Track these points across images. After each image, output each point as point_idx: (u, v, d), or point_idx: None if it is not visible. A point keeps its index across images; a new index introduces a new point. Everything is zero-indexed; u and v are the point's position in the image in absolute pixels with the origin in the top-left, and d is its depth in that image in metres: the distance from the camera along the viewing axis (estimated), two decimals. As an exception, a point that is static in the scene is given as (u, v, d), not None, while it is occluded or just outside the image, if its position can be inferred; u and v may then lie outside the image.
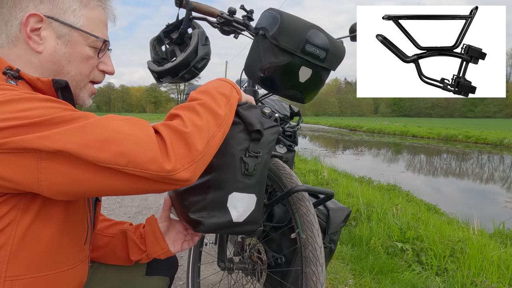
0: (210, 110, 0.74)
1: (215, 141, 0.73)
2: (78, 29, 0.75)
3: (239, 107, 0.89)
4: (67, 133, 0.58)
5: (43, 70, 0.74)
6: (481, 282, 2.19)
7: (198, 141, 0.67)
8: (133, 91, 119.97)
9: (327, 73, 1.23)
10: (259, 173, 0.91)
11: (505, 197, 7.18)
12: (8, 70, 0.68)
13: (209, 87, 0.81)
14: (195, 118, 0.70)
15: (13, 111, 0.58)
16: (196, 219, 0.85)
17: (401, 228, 2.99)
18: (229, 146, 0.86)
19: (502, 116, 78.47)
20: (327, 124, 43.76)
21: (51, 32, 0.73)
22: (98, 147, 0.58)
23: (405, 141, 21.11)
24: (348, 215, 1.30)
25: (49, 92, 0.70)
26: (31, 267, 0.67)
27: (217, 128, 0.74)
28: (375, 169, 9.19)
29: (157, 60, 1.32)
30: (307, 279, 0.95)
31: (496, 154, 15.33)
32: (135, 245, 0.97)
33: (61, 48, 0.74)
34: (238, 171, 0.87)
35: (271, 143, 0.95)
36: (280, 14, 1.09)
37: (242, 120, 0.88)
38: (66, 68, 0.76)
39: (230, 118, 0.81)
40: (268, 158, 0.95)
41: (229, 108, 0.81)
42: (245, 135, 0.89)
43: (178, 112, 0.72)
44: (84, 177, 0.60)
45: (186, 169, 0.64)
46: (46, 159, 0.58)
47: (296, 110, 1.82)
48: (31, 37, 0.72)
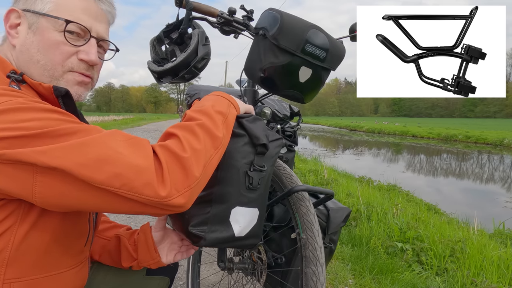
0: (208, 132, 0.73)
1: (212, 164, 0.72)
2: (44, 14, 0.72)
3: (243, 120, 0.87)
4: (64, 149, 0.57)
5: (19, 63, 0.73)
6: (481, 282, 2.19)
7: (195, 167, 0.66)
8: (133, 91, 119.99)
9: (327, 73, 1.23)
10: (263, 187, 0.89)
11: (505, 197, 7.18)
12: (12, 73, 0.68)
13: (205, 105, 0.79)
14: (193, 141, 0.69)
15: (13, 121, 0.57)
16: (197, 233, 0.82)
17: (401, 228, 2.99)
18: (234, 159, 0.84)
19: (502, 116, 78.46)
20: (327, 124, 43.76)
21: (25, 24, 0.73)
22: (94, 166, 0.57)
23: (405, 141, 21.12)
24: (348, 215, 1.30)
25: (51, 98, 0.70)
26: (30, 269, 0.66)
27: (214, 151, 0.73)
28: (375, 169, 9.19)
29: (157, 60, 1.32)
30: (307, 279, 0.95)
31: (496, 154, 15.33)
32: (127, 252, 0.96)
33: (30, 37, 0.73)
34: (242, 185, 0.85)
35: (275, 156, 0.93)
36: (280, 14, 1.09)
37: (247, 133, 0.86)
38: (35, 57, 0.73)
39: (227, 138, 0.80)
40: (272, 171, 0.93)
41: (226, 127, 0.79)
42: (250, 148, 0.87)
43: (176, 132, 0.70)
44: (78, 195, 0.59)
45: (181, 194, 0.63)
46: (41, 174, 0.57)
47: (296, 110, 1.82)
48: (9, 32, 0.73)
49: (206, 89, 1.82)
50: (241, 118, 0.87)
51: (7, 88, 0.64)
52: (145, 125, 20.21)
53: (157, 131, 14.95)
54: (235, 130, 0.85)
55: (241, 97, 1.44)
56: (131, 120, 24.33)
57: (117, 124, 18.08)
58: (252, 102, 1.40)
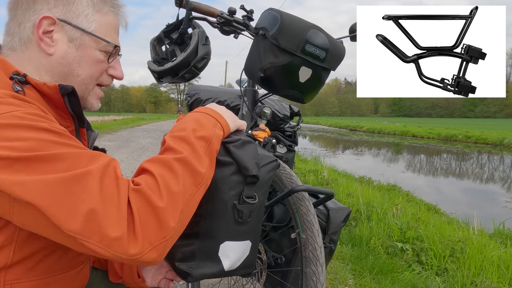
0: (189, 168, 0.66)
1: (192, 203, 0.66)
2: (90, 33, 0.75)
3: (230, 145, 0.78)
4: (42, 184, 0.54)
5: (53, 73, 0.74)
6: (481, 282, 2.19)
7: (172, 216, 0.60)
8: (133, 91, 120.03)
9: (327, 73, 1.23)
10: (255, 218, 0.81)
11: (505, 197, 7.18)
12: (15, 75, 0.68)
13: (187, 130, 0.72)
14: (171, 181, 0.62)
15: (1, 139, 0.55)
16: (183, 270, 0.77)
17: (401, 228, 2.99)
18: (220, 191, 0.76)
19: (502, 116, 78.47)
20: (327, 124, 43.76)
21: (63, 35, 0.74)
22: (67, 212, 0.54)
23: (405, 141, 21.12)
24: (348, 215, 1.30)
25: (56, 97, 0.70)
26: (31, 271, 0.66)
27: (195, 188, 0.66)
28: (375, 169, 9.19)
29: (157, 60, 1.32)
30: (307, 279, 0.95)
31: (496, 154, 15.33)
32: (113, 269, 0.95)
33: (72, 51, 0.75)
34: (230, 219, 0.78)
35: (268, 182, 0.84)
36: (280, 14, 1.09)
37: (235, 161, 0.77)
38: (76, 71, 0.76)
39: (211, 169, 0.72)
40: (265, 198, 0.85)
41: (209, 155, 0.72)
42: (239, 178, 0.77)
43: (152, 169, 0.63)
44: (51, 234, 0.57)
45: (154, 247, 0.58)
46: (18, 204, 0.55)
47: (296, 110, 1.82)
48: (43, 39, 0.72)
49: (206, 89, 1.82)
50: (228, 143, 0.78)
51: (8, 94, 0.63)
52: (145, 125, 20.20)
53: (157, 131, 14.95)
54: (221, 158, 0.76)
55: (241, 97, 1.44)
56: (131, 120, 24.30)
57: (117, 124, 18.06)
58: (252, 102, 1.40)
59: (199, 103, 1.74)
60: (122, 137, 11.31)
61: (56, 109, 0.72)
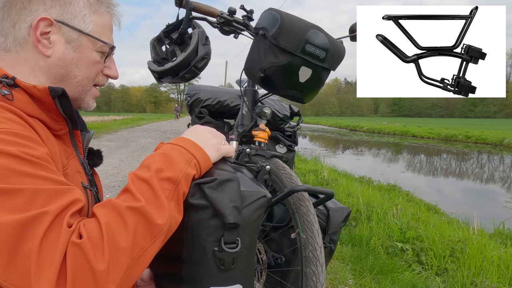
0: (144, 219, 0.58)
1: (145, 257, 0.58)
2: (87, 35, 0.74)
3: (205, 186, 0.69)
4: None
5: (50, 74, 0.73)
6: (481, 282, 2.19)
7: (112, 279, 0.53)
8: (133, 91, 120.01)
9: (327, 73, 1.23)
10: (242, 263, 0.72)
11: (505, 197, 7.18)
12: (3, 78, 0.66)
13: (151, 170, 0.64)
14: (119, 236, 0.55)
15: None
16: None
17: (401, 228, 2.99)
18: (198, 236, 0.69)
19: (502, 116, 78.45)
20: (327, 124, 43.75)
21: (61, 37, 0.72)
22: (4, 263, 0.49)
23: (405, 141, 21.12)
24: (348, 215, 1.30)
25: (46, 100, 0.68)
26: None
27: (150, 241, 0.58)
28: (375, 169, 9.19)
29: (157, 60, 1.32)
30: (307, 279, 0.95)
31: (496, 154, 15.33)
32: None
33: (70, 53, 0.73)
34: (212, 266, 0.69)
35: (256, 222, 0.75)
36: (280, 14, 1.09)
37: (211, 205, 0.69)
38: (73, 73, 0.75)
39: (177, 215, 0.64)
40: (254, 239, 0.76)
41: (175, 200, 0.64)
42: (217, 222, 0.69)
43: (101, 217, 0.56)
44: None
45: None
46: None
47: (296, 110, 1.82)
48: (41, 41, 0.70)
49: (206, 89, 1.83)
50: (202, 184, 0.69)
51: None
52: (145, 125, 20.20)
53: (157, 131, 14.94)
54: (196, 201, 0.68)
55: (241, 97, 1.44)
56: (131, 120, 24.29)
57: (117, 124, 18.06)
58: (252, 102, 1.40)
59: (199, 103, 1.74)
60: (122, 137, 11.31)
61: (48, 112, 0.70)
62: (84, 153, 0.85)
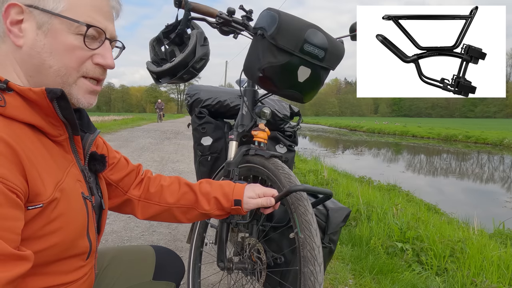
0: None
1: None
2: (58, 15, 0.64)
3: None
4: None
5: (26, 67, 0.65)
6: (481, 282, 2.19)
7: None
8: (133, 91, 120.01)
9: (326, 72, 1.22)
10: None
11: (505, 197, 7.17)
12: None
13: None
14: None
15: None
16: None
17: (401, 228, 2.99)
18: None
19: (502, 116, 78.44)
20: (327, 124, 43.73)
21: (32, 23, 0.64)
22: None
23: (405, 141, 21.11)
24: (347, 215, 1.30)
25: (44, 104, 0.62)
26: (30, 284, 0.63)
27: None
28: (375, 169, 9.18)
29: (156, 60, 1.32)
30: (305, 278, 0.95)
31: (496, 154, 15.31)
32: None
33: (41, 39, 0.64)
34: None
35: None
36: (278, 13, 1.09)
37: None
38: (47, 62, 0.65)
39: None
40: None
41: None
42: None
43: None
44: None
45: None
46: None
47: (296, 110, 1.82)
48: (11, 30, 0.63)
49: (206, 89, 1.82)
50: None
51: None
52: (145, 125, 20.19)
53: (157, 131, 14.94)
54: None
55: (241, 97, 1.44)
56: (131, 120, 24.27)
57: (117, 124, 18.04)
58: (252, 102, 1.40)
59: (199, 103, 1.74)
60: (122, 137, 11.30)
61: (46, 116, 0.64)
62: (85, 159, 0.78)
